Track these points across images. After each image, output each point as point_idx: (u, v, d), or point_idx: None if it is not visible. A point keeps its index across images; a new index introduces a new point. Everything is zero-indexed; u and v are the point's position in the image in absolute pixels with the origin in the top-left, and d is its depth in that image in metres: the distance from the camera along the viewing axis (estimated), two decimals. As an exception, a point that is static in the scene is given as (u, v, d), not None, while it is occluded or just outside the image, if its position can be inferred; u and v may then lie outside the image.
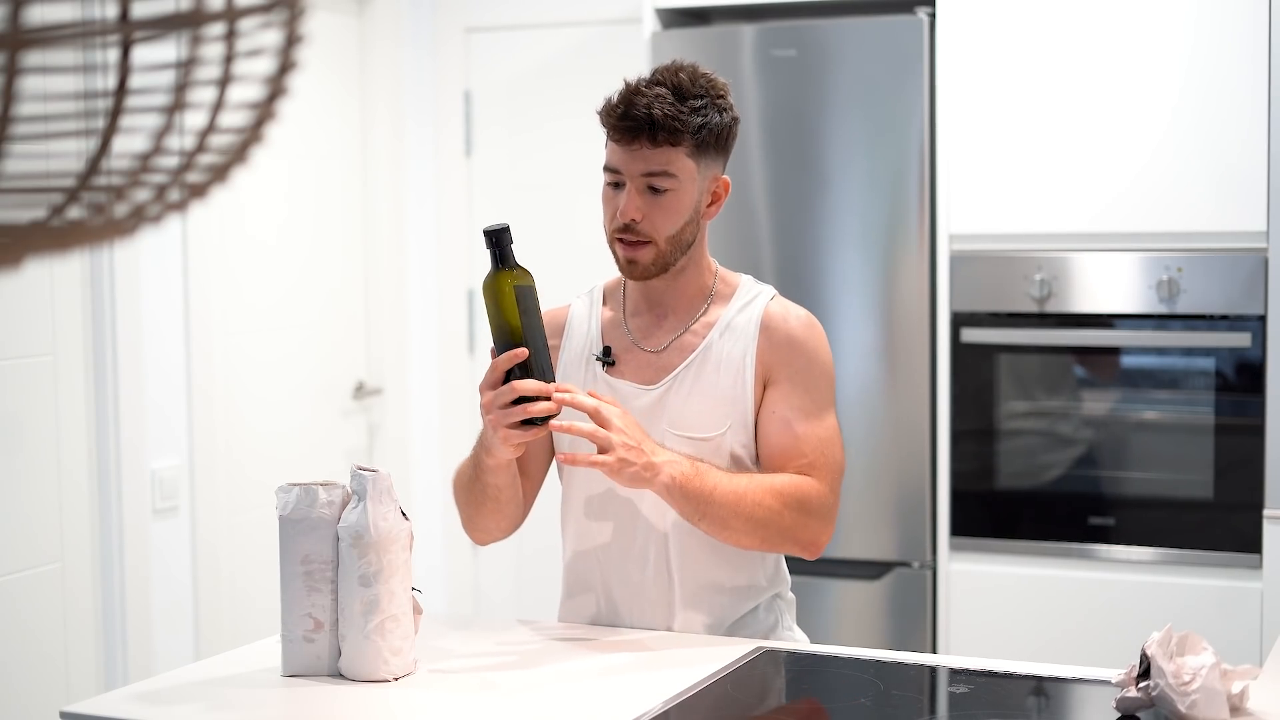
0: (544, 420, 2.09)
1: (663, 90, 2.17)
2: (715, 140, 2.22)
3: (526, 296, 2.11)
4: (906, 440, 3.69)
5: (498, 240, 2.11)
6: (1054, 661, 2.17)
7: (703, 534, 2.22)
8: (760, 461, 2.28)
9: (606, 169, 2.23)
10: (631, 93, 2.18)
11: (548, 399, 2.08)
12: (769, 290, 2.33)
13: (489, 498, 2.27)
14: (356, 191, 4.46)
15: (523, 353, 2.09)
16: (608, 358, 2.30)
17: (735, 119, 2.25)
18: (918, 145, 3.65)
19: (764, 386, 2.26)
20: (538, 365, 2.10)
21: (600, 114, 2.22)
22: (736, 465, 2.25)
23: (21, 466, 3.35)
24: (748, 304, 2.29)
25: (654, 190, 2.19)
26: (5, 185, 0.81)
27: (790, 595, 2.39)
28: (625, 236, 2.21)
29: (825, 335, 2.31)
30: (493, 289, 2.11)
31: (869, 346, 3.72)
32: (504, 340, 2.11)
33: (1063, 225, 3.56)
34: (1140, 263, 3.51)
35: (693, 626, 2.28)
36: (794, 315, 2.29)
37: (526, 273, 2.13)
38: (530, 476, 2.37)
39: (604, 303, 2.37)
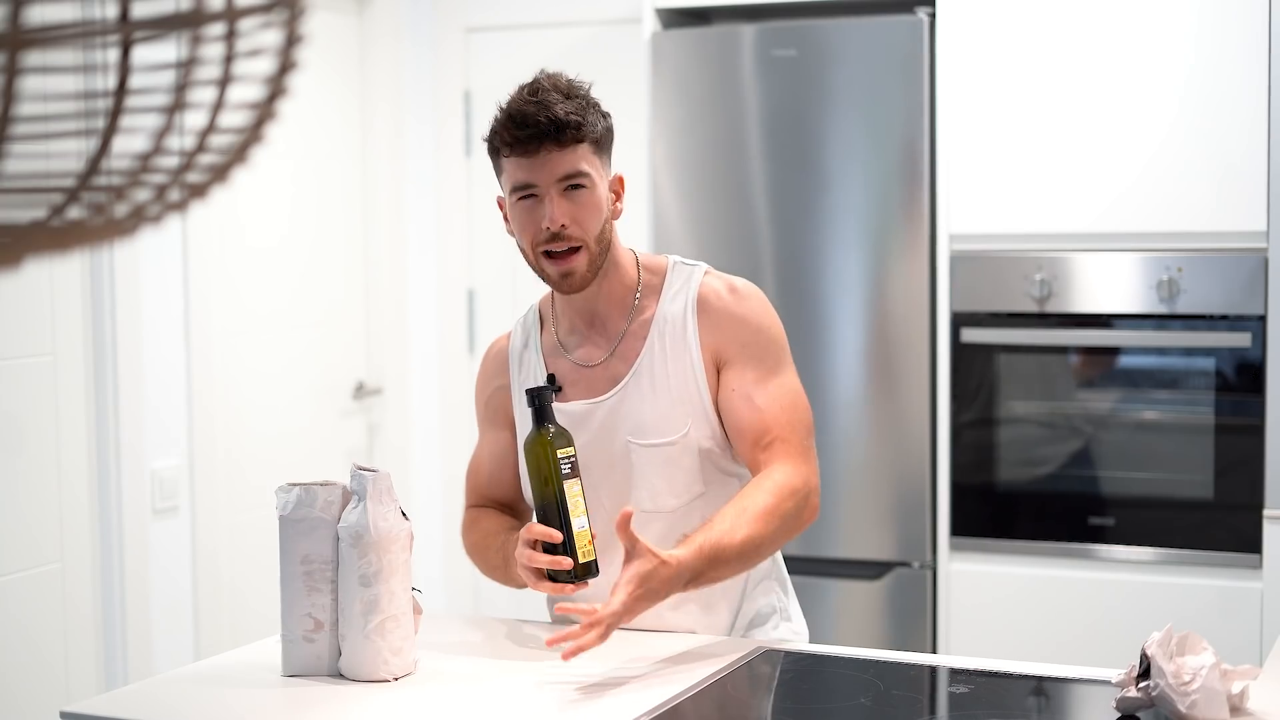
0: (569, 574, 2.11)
1: (550, 95, 2.15)
2: (607, 139, 2.22)
3: (567, 464, 2.10)
4: (906, 440, 3.69)
5: (539, 399, 2.11)
6: (1054, 661, 2.17)
7: None
8: (730, 440, 2.24)
9: (515, 189, 2.18)
10: (520, 104, 2.15)
11: (561, 560, 2.09)
12: (699, 269, 2.29)
13: (518, 586, 2.29)
14: (357, 191, 4.46)
15: (556, 535, 2.09)
16: (553, 385, 2.27)
17: (610, 119, 2.24)
18: (918, 145, 3.65)
19: (717, 370, 2.23)
20: (566, 525, 2.11)
21: (492, 136, 2.18)
22: (706, 460, 2.22)
23: (21, 466, 3.35)
24: (679, 291, 2.26)
25: (573, 189, 2.16)
26: (5, 185, 0.81)
27: (784, 575, 2.39)
28: (555, 247, 2.17)
29: (762, 295, 2.27)
30: (533, 451, 2.11)
31: (869, 346, 3.72)
32: (541, 502, 2.12)
33: (1063, 225, 3.56)
34: (1140, 263, 3.51)
35: (692, 624, 2.27)
36: (724, 288, 2.25)
37: (567, 436, 2.11)
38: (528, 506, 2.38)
39: (540, 326, 2.35)
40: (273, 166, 4.03)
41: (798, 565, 2.46)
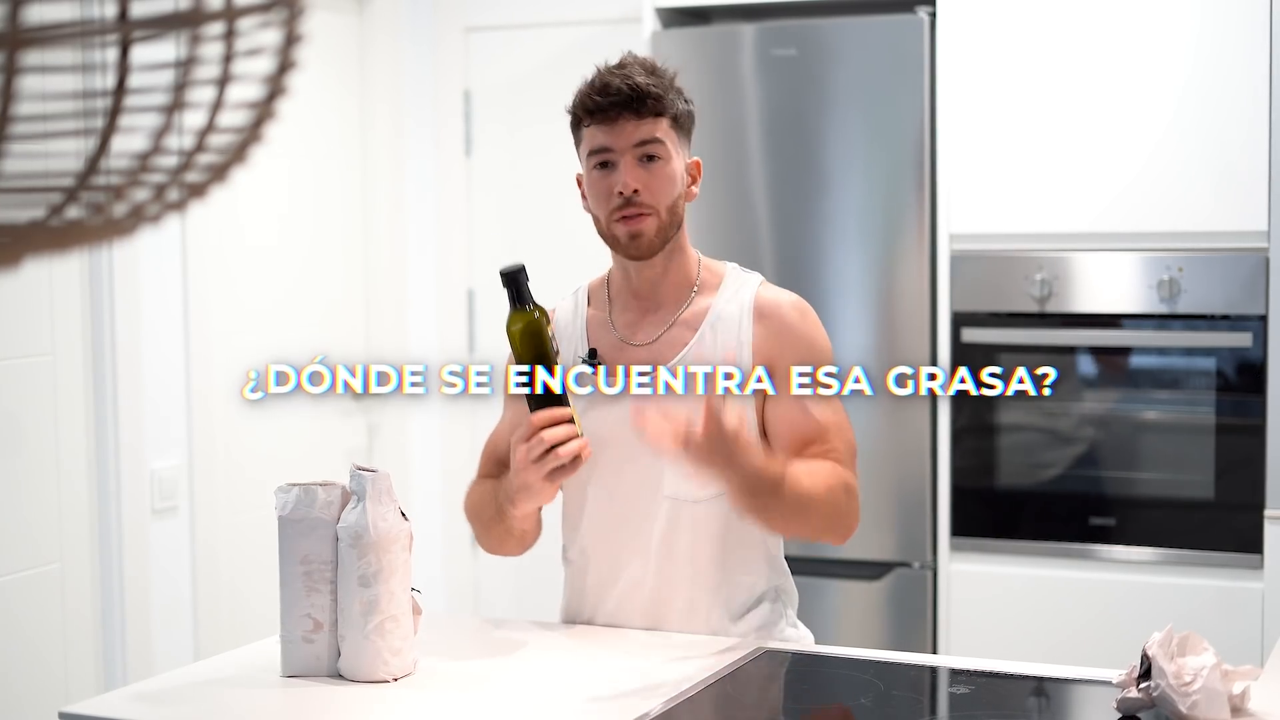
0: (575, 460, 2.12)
1: (635, 67, 2.23)
2: (687, 122, 2.29)
3: (538, 337, 2.12)
4: (907, 440, 3.69)
5: (514, 281, 2.12)
6: (1054, 662, 2.17)
7: (713, 534, 2.22)
8: (778, 447, 2.26)
9: (593, 153, 2.23)
10: (605, 74, 2.22)
11: (575, 436, 2.12)
12: (756, 277, 2.33)
13: (514, 536, 2.28)
14: (356, 191, 4.45)
15: (566, 413, 2.12)
16: (593, 359, 2.29)
17: (692, 105, 2.31)
18: (918, 145, 3.64)
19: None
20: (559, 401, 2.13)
21: (574, 103, 2.24)
22: None
23: (21, 466, 3.35)
24: (736, 292, 2.29)
25: (648, 160, 2.21)
26: (5, 185, 0.81)
27: (791, 588, 2.38)
28: (627, 212, 2.21)
29: (817, 316, 2.31)
30: (510, 331, 2.14)
31: (869, 346, 3.72)
32: (521, 380, 2.14)
33: (1063, 225, 3.56)
34: (1141, 262, 3.51)
35: (701, 625, 2.27)
36: (786, 301, 2.29)
37: (542, 312, 2.14)
38: None
39: (589, 303, 2.37)
40: (272, 166, 4.03)
41: (798, 565, 2.45)
